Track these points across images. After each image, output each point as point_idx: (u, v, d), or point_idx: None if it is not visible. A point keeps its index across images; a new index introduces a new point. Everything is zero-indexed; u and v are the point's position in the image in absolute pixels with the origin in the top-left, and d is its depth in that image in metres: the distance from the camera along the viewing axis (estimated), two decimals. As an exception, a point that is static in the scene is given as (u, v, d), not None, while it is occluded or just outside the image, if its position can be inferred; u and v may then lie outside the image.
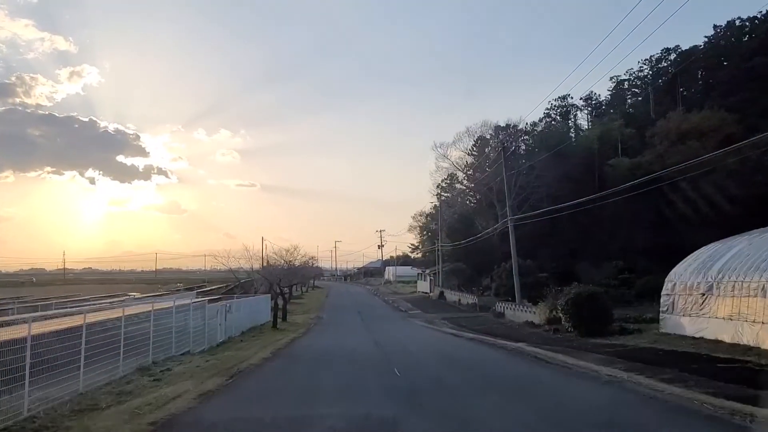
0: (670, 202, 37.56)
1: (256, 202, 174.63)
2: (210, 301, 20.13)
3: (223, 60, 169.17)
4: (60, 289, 71.57)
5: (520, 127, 57.13)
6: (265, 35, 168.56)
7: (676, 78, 56.52)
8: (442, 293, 49.19)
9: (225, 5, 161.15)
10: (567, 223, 45.80)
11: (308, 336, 23.62)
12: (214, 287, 58.75)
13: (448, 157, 57.50)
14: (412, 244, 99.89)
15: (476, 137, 57.22)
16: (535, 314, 25.80)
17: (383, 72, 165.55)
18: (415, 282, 76.66)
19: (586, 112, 67.38)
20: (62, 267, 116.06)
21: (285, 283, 29.58)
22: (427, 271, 58.89)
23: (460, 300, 42.41)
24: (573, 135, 61.39)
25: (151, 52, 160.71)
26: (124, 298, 34.49)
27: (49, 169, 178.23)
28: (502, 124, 55.68)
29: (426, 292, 58.43)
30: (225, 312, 19.60)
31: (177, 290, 51.52)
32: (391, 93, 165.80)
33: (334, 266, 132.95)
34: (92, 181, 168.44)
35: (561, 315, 21.50)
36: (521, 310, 27.79)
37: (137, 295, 39.89)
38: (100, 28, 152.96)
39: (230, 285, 48.87)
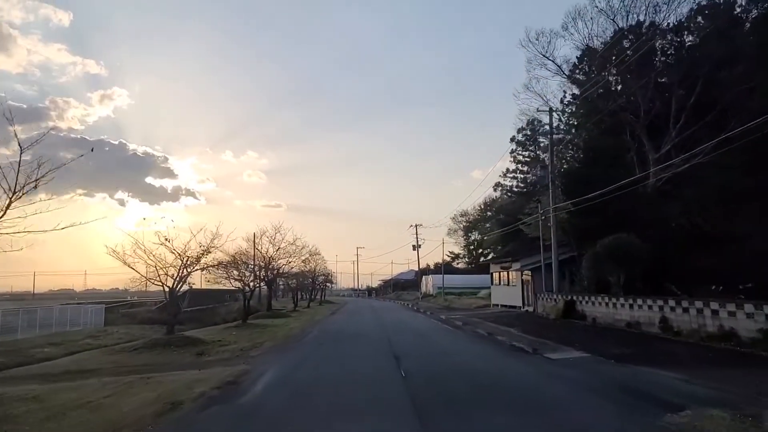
0: None
1: (282, 222, 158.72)
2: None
3: (250, 82, 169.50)
4: None
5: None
6: (290, 57, 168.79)
7: None
8: (570, 305, 22.61)
9: (250, 28, 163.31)
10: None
11: None
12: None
13: (553, 58, 31.35)
14: (452, 252, 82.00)
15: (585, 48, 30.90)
16: None
17: (407, 91, 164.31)
18: (474, 293, 50.53)
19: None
20: (90, 288, 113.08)
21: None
22: (516, 266, 31.92)
23: (665, 320, 15.68)
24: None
25: (179, 74, 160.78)
26: None
27: (80, 191, 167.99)
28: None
29: (514, 306, 31.79)
30: None
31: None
32: (414, 111, 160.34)
33: (356, 280, 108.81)
34: (122, 202, 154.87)
35: None
36: None
37: None
38: (129, 51, 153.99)
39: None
